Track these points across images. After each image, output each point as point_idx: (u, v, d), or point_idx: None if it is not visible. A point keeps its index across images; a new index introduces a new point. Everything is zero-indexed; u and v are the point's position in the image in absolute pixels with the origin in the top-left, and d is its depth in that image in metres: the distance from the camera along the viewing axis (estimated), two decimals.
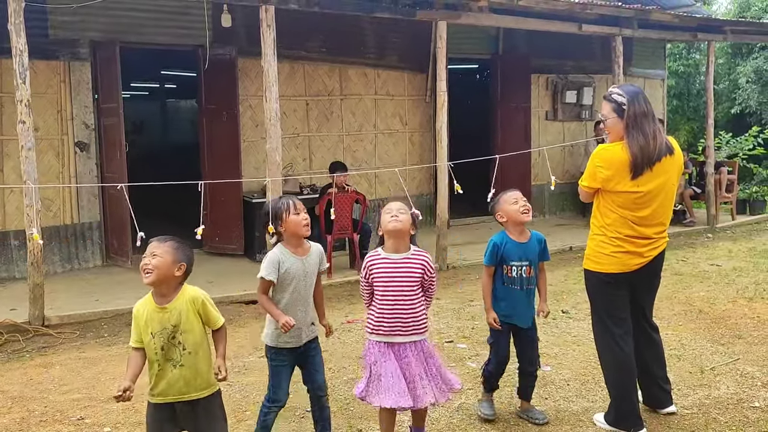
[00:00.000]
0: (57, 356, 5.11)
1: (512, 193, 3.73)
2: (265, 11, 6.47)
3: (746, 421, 3.66)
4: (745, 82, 15.71)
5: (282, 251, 3.30)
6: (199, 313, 2.87)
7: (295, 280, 3.28)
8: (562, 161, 11.27)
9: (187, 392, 2.85)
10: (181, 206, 7.99)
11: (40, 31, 7.12)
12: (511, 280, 3.67)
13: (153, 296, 2.88)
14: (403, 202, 3.39)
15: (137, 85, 14.99)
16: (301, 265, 3.30)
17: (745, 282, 6.76)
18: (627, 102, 3.46)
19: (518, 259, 3.66)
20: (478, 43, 10.58)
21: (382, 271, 3.25)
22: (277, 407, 3.36)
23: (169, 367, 2.83)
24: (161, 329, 2.82)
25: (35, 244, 5.65)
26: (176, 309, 2.84)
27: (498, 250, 3.67)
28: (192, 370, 2.85)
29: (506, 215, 3.70)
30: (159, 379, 2.85)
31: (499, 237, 3.71)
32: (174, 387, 2.84)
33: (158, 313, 2.84)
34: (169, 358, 2.83)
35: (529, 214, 3.68)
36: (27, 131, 5.64)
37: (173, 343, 2.83)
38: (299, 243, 3.32)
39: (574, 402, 3.99)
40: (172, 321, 2.82)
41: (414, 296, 3.25)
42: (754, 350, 4.77)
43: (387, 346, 3.24)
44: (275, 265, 3.25)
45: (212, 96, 8.27)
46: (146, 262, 2.83)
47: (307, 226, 3.28)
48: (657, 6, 10.42)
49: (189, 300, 2.86)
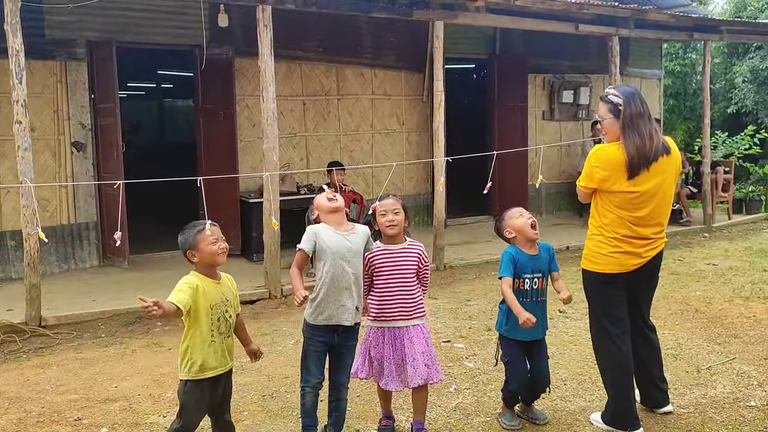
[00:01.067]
0: (54, 357, 5.10)
1: (516, 209, 3.70)
2: (262, 11, 6.47)
3: (742, 420, 3.68)
4: (741, 82, 15.74)
5: (322, 225, 3.33)
6: (234, 294, 3.19)
7: (336, 256, 3.26)
8: (558, 161, 11.29)
9: (229, 362, 3.12)
10: (177, 207, 7.98)
11: (37, 31, 7.10)
12: (523, 293, 3.58)
13: (203, 275, 3.06)
14: (394, 198, 3.53)
15: (134, 85, 14.96)
16: (343, 240, 3.30)
17: (742, 281, 6.78)
18: (623, 103, 3.47)
19: (531, 271, 3.59)
20: (475, 43, 10.59)
21: (384, 262, 3.46)
22: (311, 387, 3.36)
23: (219, 339, 3.06)
24: (219, 301, 3.06)
25: (32, 245, 5.64)
26: (226, 285, 3.15)
27: (514, 261, 3.58)
28: (232, 341, 3.16)
29: (515, 230, 3.63)
30: (211, 352, 3.03)
31: (513, 249, 3.63)
32: (222, 359, 3.07)
33: (216, 287, 3.08)
34: (221, 330, 3.06)
35: (537, 230, 3.61)
36: (23, 131, 5.63)
37: (225, 317, 3.08)
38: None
39: (571, 401, 4.00)
40: (226, 294, 3.11)
41: (413, 283, 3.49)
42: (750, 349, 4.79)
43: (389, 332, 3.45)
44: (312, 236, 3.28)
45: (209, 96, 8.26)
46: (224, 246, 3.07)
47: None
48: (653, 6, 10.44)
49: (230, 280, 3.21)
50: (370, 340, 3.51)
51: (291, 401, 4.07)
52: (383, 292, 3.46)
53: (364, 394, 4.12)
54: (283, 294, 6.63)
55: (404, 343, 3.43)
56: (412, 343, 3.43)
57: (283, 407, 4.00)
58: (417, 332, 3.46)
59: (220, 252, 3.05)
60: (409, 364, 3.40)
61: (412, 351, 3.42)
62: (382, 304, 3.46)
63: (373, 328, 3.50)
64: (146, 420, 3.90)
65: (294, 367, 4.56)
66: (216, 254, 3.05)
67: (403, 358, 3.42)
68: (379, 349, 3.46)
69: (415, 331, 3.45)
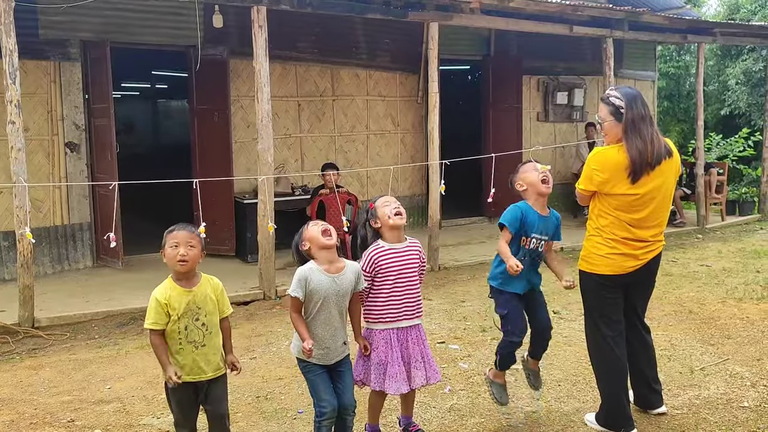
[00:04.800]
0: (47, 358, 5.08)
1: (530, 163, 3.64)
2: (257, 12, 6.47)
3: (735, 421, 3.69)
4: (735, 84, 15.82)
5: (311, 268, 3.14)
6: (218, 299, 3.05)
7: (324, 300, 3.13)
8: (553, 162, 11.30)
9: (207, 371, 3.00)
10: (172, 208, 7.96)
11: (30, 31, 7.08)
12: (526, 252, 3.53)
13: (175, 282, 2.98)
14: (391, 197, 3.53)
15: (128, 85, 14.92)
16: (332, 284, 3.15)
17: (735, 282, 6.81)
18: (625, 106, 3.43)
19: (539, 232, 3.53)
20: (470, 45, 10.60)
21: (391, 261, 3.36)
22: (327, 420, 3.15)
23: (190, 348, 2.95)
24: (187, 310, 2.94)
25: (25, 245, 5.62)
26: (201, 292, 3.00)
27: (523, 217, 3.50)
28: (213, 350, 3.01)
29: (526, 183, 3.56)
30: (180, 360, 2.95)
31: (524, 204, 3.55)
32: (193, 367, 2.96)
33: (184, 295, 2.96)
34: (191, 339, 2.95)
35: (549, 185, 3.55)
36: (17, 132, 5.61)
37: (196, 325, 2.96)
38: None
39: (566, 402, 4.00)
40: (198, 303, 2.97)
41: (417, 281, 3.45)
42: (743, 350, 4.81)
43: (392, 333, 3.36)
44: (302, 282, 3.11)
45: (203, 96, 8.25)
46: (183, 252, 2.92)
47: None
48: (647, 8, 10.49)
49: (211, 286, 3.05)
50: (372, 343, 3.37)
51: (285, 402, 4.07)
52: (390, 292, 3.35)
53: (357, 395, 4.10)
54: (277, 295, 6.62)
55: (408, 343, 3.38)
56: (415, 344, 3.40)
57: (277, 408, 3.99)
58: (418, 332, 3.44)
59: (178, 258, 2.89)
60: (413, 365, 3.36)
61: (415, 351, 3.38)
62: (388, 304, 3.35)
63: (375, 331, 3.36)
64: (140, 421, 3.88)
65: (288, 369, 4.57)
66: (172, 259, 2.91)
67: (407, 358, 3.36)
68: (383, 351, 3.33)
69: (416, 331, 3.43)
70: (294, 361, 3.43)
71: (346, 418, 3.25)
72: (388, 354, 3.32)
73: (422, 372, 3.37)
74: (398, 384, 3.30)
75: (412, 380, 3.36)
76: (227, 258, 8.08)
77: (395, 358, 3.32)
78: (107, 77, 7.45)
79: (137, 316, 5.95)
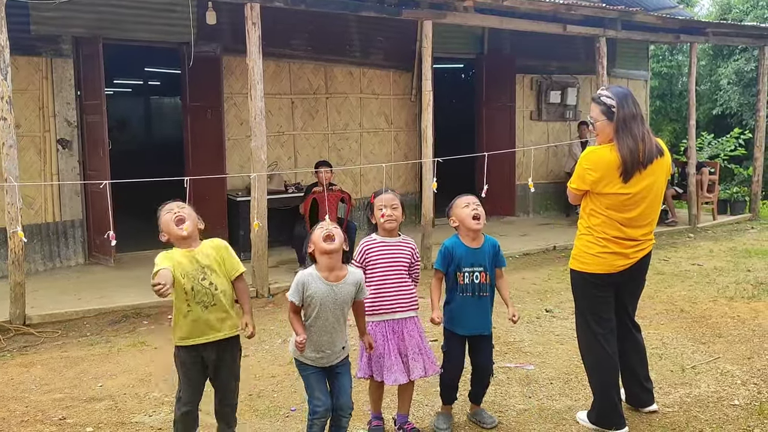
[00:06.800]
0: (38, 356, 5.06)
1: (465, 197, 3.62)
2: (250, 9, 6.45)
3: (726, 419, 3.71)
4: (727, 84, 15.90)
5: (310, 274, 3.11)
6: (222, 258, 3.04)
7: (321, 307, 3.09)
8: (546, 161, 11.34)
9: (219, 330, 2.98)
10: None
11: (22, 27, 7.02)
12: (464, 288, 3.53)
13: (178, 247, 2.99)
14: (393, 193, 3.57)
15: (121, 82, 14.86)
16: (329, 292, 3.09)
17: (726, 281, 6.84)
18: (616, 104, 3.44)
19: (470, 265, 3.52)
20: (464, 43, 10.61)
21: (383, 253, 3.47)
22: (319, 419, 3.12)
23: (199, 309, 2.94)
24: (192, 269, 2.94)
25: (17, 242, 5.60)
26: (203, 252, 3.01)
27: (449, 254, 3.53)
28: (223, 309, 3.01)
29: (458, 219, 3.57)
30: (188, 321, 2.93)
31: (451, 241, 3.58)
32: (204, 328, 2.95)
33: (187, 256, 2.96)
34: (199, 300, 2.94)
35: (480, 221, 3.52)
36: (8, 128, 5.58)
37: (203, 285, 2.95)
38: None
39: (558, 400, 4.02)
40: (202, 262, 2.98)
41: (408, 275, 3.53)
42: (734, 349, 4.84)
43: (387, 325, 3.43)
44: (300, 288, 3.08)
45: (197, 93, 8.22)
46: (177, 211, 2.94)
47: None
48: (640, 8, 10.52)
49: (213, 246, 3.06)
50: (372, 335, 3.42)
51: (278, 400, 4.07)
52: (380, 283, 3.44)
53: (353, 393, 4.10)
54: (270, 293, 6.62)
55: (404, 335, 3.44)
56: (410, 335, 3.45)
57: (270, 406, 3.99)
58: (413, 324, 3.49)
59: (174, 218, 2.93)
60: (410, 356, 3.43)
61: (411, 343, 3.45)
62: (379, 296, 3.43)
63: (371, 323, 3.43)
64: (131, 419, 3.87)
65: (281, 366, 4.57)
66: (169, 222, 2.94)
67: (404, 350, 3.43)
68: (381, 344, 3.41)
69: (412, 323, 3.48)
70: (287, 359, 3.44)
71: (342, 418, 3.23)
72: (385, 346, 3.42)
73: (420, 363, 3.44)
74: (395, 375, 3.38)
75: (411, 372, 3.43)
76: None
77: (391, 350, 3.41)
78: (99, 74, 7.41)
79: (129, 313, 5.93)
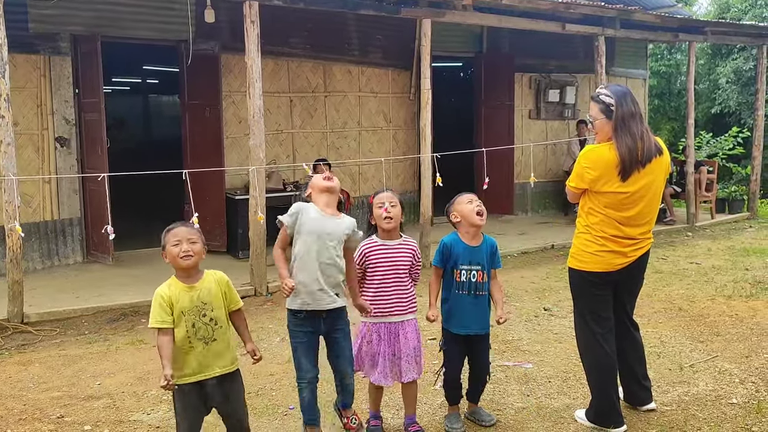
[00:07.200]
0: (36, 354, 5.05)
1: (467, 195, 3.64)
2: (249, 7, 6.44)
3: (724, 418, 3.72)
4: (725, 83, 15.92)
5: (308, 204, 3.31)
6: (224, 293, 3.02)
7: (313, 237, 3.23)
8: (544, 159, 11.35)
9: (221, 366, 2.98)
10: (162, 204, 7.94)
11: (20, 25, 7.01)
12: (460, 285, 3.53)
13: (179, 279, 2.96)
14: (391, 192, 3.56)
15: (119, 80, 14.83)
16: (323, 221, 3.27)
17: (724, 280, 6.85)
18: (615, 103, 3.44)
19: (467, 263, 3.52)
20: (463, 42, 10.61)
21: (382, 255, 3.46)
22: (305, 382, 3.30)
23: (200, 345, 2.93)
24: (192, 307, 2.92)
25: (15, 240, 5.59)
26: (205, 287, 2.97)
27: (447, 251, 3.54)
28: (224, 344, 2.98)
29: (460, 215, 3.57)
30: (189, 358, 2.92)
31: (449, 238, 3.58)
32: (205, 364, 2.94)
33: (188, 292, 2.94)
34: (200, 336, 2.93)
35: (483, 217, 3.54)
36: (6, 126, 5.57)
37: (204, 321, 2.94)
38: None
39: (556, 399, 4.02)
40: (203, 298, 2.95)
41: (408, 278, 3.52)
42: (732, 347, 4.84)
43: (384, 327, 3.45)
44: (295, 213, 3.26)
45: (195, 91, 8.21)
46: (186, 248, 2.91)
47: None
48: (639, 6, 10.52)
49: (215, 280, 3.01)
50: (364, 335, 3.49)
51: (276, 399, 4.06)
52: (379, 287, 3.45)
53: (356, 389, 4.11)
54: (268, 291, 6.61)
55: (399, 338, 3.45)
56: (406, 339, 3.46)
57: (268, 405, 3.99)
58: (411, 327, 3.49)
59: (181, 255, 2.88)
60: (404, 360, 3.43)
61: (406, 346, 3.45)
62: (378, 299, 3.44)
63: (367, 324, 3.47)
64: (130, 418, 3.87)
65: (279, 365, 4.57)
66: (176, 257, 2.89)
67: (398, 353, 3.44)
68: (373, 344, 3.45)
69: (409, 326, 3.48)
70: (285, 357, 3.44)
71: (345, 381, 3.40)
72: (378, 347, 3.44)
73: (413, 367, 3.46)
74: (380, 377, 3.44)
75: (404, 374, 3.44)
76: (218, 254, 8.05)
77: (383, 352, 3.43)
78: (98, 72, 7.39)
79: (127, 311, 5.93)
